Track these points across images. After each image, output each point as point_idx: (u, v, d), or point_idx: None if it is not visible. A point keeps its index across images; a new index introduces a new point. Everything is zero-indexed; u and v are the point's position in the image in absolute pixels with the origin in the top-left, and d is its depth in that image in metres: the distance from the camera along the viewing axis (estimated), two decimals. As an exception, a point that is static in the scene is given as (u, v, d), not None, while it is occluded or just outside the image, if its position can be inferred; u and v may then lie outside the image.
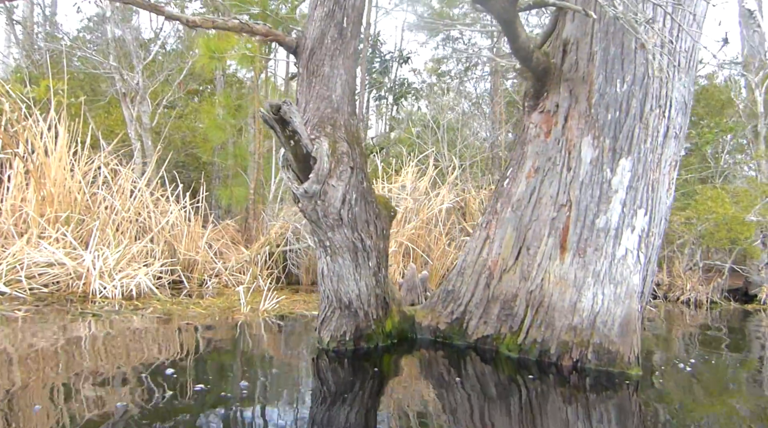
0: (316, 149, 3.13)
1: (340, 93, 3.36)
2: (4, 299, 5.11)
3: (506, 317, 4.07)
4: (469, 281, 4.31)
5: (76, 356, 3.43)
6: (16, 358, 3.31)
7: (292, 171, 3.22)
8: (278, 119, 2.84)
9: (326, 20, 3.28)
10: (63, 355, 3.42)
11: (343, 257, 3.58)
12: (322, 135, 3.24)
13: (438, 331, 4.41)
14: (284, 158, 3.21)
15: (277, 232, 8.08)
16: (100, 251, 6.03)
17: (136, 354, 3.60)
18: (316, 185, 3.16)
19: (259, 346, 4.09)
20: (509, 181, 4.23)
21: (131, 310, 5.04)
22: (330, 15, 3.27)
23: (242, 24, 3.12)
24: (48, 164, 6.52)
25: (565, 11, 3.95)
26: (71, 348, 3.61)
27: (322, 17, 3.29)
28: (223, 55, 6.56)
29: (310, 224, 3.48)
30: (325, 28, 3.28)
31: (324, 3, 3.27)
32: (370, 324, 3.94)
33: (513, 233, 4.10)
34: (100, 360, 3.38)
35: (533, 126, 4.09)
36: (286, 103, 2.80)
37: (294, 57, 3.48)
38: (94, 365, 3.26)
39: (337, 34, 3.30)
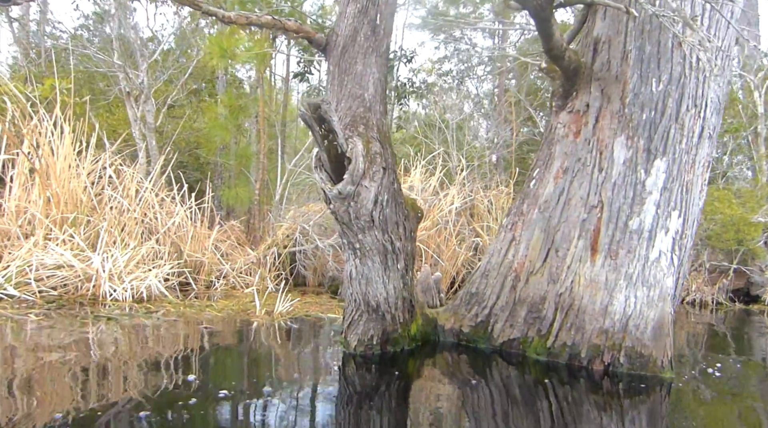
0: (351, 149, 3.06)
1: (372, 92, 3.28)
2: (14, 303, 4.98)
3: (534, 321, 4.01)
4: (494, 284, 4.25)
5: (98, 364, 3.33)
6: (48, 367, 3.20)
7: (325, 172, 3.14)
8: (317, 118, 2.76)
9: (359, 17, 3.20)
10: (90, 363, 3.32)
11: (372, 259, 3.51)
12: (355, 135, 3.17)
13: (461, 334, 4.34)
14: (317, 159, 3.13)
15: (284, 233, 7.98)
16: (109, 253, 5.91)
17: (160, 359, 3.50)
18: (351, 186, 3.09)
19: (281, 351, 4.00)
20: (536, 182, 4.17)
21: (145, 313, 4.93)
22: (363, 11, 3.19)
23: (275, 20, 3.04)
24: (54, 163, 6.38)
25: (595, 9, 3.89)
26: (94, 354, 3.51)
27: (355, 14, 3.21)
28: (234, 53, 6.43)
29: (340, 226, 3.40)
30: (358, 25, 3.21)
31: (358, 0, 3.19)
32: (396, 328, 3.87)
33: (541, 235, 4.04)
34: (127, 368, 3.28)
35: (561, 126, 4.04)
36: (325, 102, 2.72)
37: (323, 55, 3.39)
38: (120, 374, 3.16)
39: (370, 31, 3.22)
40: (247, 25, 3.02)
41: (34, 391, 2.72)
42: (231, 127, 9.27)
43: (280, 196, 8.46)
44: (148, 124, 8.17)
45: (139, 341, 3.96)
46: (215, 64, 7.19)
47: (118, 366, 3.27)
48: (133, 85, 7.87)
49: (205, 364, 3.47)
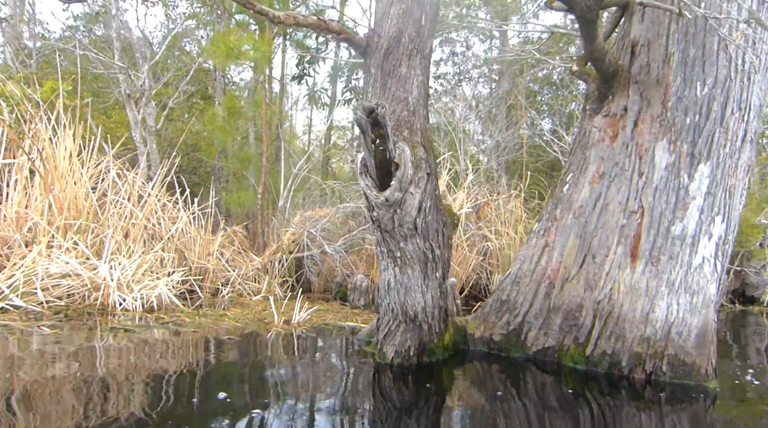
0: (399, 155, 2.94)
1: (416, 95, 3.17)
2: (21, 314, 4.77)
3: (570, 328, 3.93)
4: (527, 291, 4.16)
5: (127, 381, 3.17)
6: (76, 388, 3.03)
7: (371, 178, 3.02)
8: (371, 122, 2.64)
9: (404, 18, 3.09)
10: (119, 381, 3.15)
11: (412, 268, 3.40)
12: (400, 139, 3.05)
13: (492, 343, 4.25)
14: (362, 165, 3.01)
15: (289, 238, 7.83)
16: (117, 261, 5.72)
17: (191, 375, 3.35)
18: (398, 192, 2.97)
19: (311, 363, 3.86)
20: (569, 187, 4.09)
21: (161, 324, 4.76)
22: (408, 12, 3.09)
23: (320, 20, 2.93)
24: (56, 168, 6.17)
25: (631, 12, 3.83)
26: (120, 370, 3.35)
27: (399, 15, 3.10)
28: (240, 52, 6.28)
29: (381, 234, 3.28)
30: (402, 26, 3.10)
31: (403, 0, 3.08)
32: (432, 338, 3.77)
33: (576, 241, 3.96)
34: (158, 385, 3.12)
35: (596, 130, 3.96)
36: (381, 105, 2.61)
37: (361, 57, 3.27)
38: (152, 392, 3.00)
39: (415, 32, 3.11)
40: (295, 25, 2.90)
41: (70, 412, 2.57)
42: (231, 130, 9.09)
43: (284, 200, 8.29)
44: (148, 127, 7.96)
45: (163, 355, 3.79)
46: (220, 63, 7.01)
47: (148, 382, 3.12)
48: (134, 88, 7.66)
49: (238, 379, 3.33)
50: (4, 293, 4.97)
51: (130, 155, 7.76)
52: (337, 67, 11.01)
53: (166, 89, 9.12)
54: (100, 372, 3.23)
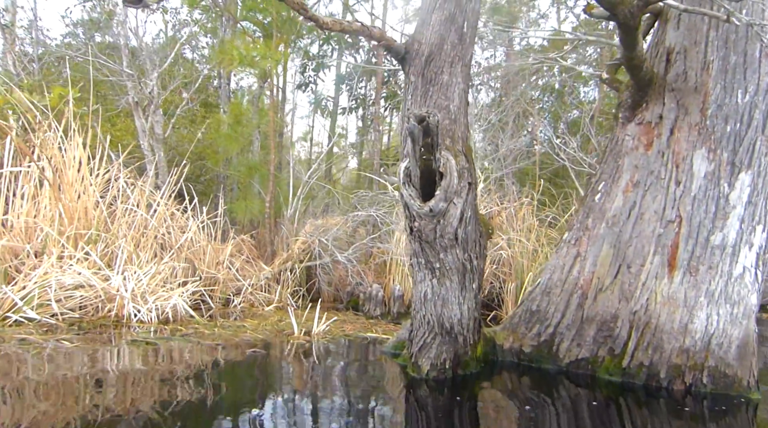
0: (444, 164, 2.88)
1: (457, 103, 3.11)
2: (36, 327, 4.65)
3: (604, 339, 3.86)
4: (558, 301, 4.10)
5: (166, 399, 3.07)
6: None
7: (414, 188, 2.95)
8: (424, 130, 2.58)
9: (446, 24, 3.03)
10: (155, 398, 3.05)
11: (451, 279, 3.32)
12: (443, 148, 2.99)
13: (522, 354, 4.17)
14: (405, 174, 2.94)
15: (299, 247, 7.74)
16: (130, 272, 5.60)
17: (219, 390, 3.25)
18: (443, 203, 2.91)
19: (343, 378, 3.77)
20: (602, 195, 4.04)
21: (181, 337, 4.65)
22: (451, 19, 3.03)
23: (363, 27, 2.87)
24: (68, 177, 6.05)
25: (666, 18, 3.80)
26: (155, 387, 3.24)
27: (442, 21, 3.04)
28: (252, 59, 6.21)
29: (420, 244, 3.21)
30: (444, 32, 3.04)
31: (444, 6, 3.03)
32: (467, 350, 3.69)
33: (610, 250, 3.90)
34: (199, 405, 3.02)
35: (630, 138, 3.92)
36: (431, 114, 2.54)
37: (399, 64, 3.21)
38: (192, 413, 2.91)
39: (457, 39, 3.06)
40: (340, 31, 2.84)
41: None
42: (237, 137, 9.00)
43: (294, 209, 8.20)
44: (156, 135, 7.85)
45: (191, 370, 3.69)
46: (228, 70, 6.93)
47: (185, 400, 3.02)
48: (142, 95, 7.56)
49: (266, 395, 3.24)
50: (17, 305, 4.84)
51: (138, 164, 7.64)
52: (341, 76, 10.96)
53: (172, 97, 9.03)
54: (134, 391, 3.13)
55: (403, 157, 3.05)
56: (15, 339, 4.13)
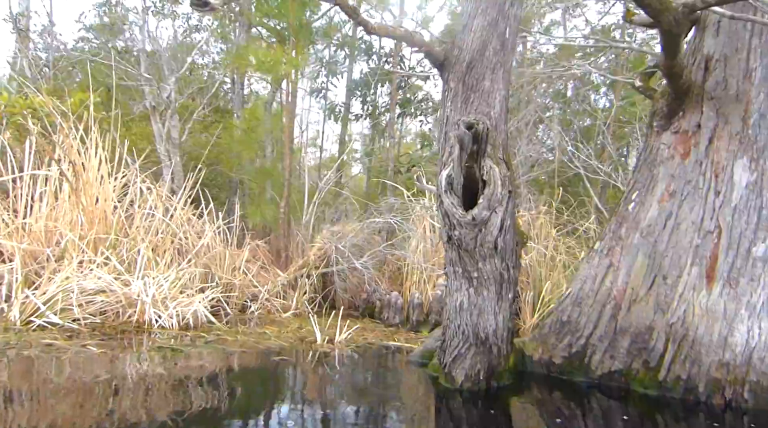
0: (488, 172, 2.83)
1: (498, 110, 3.07)
2: (60, 332, 4.60)
3: (639, 352, 3.79)
4: (590, 312, 4.03)
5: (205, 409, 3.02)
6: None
7: (456, 196, 2.90)
8: (474, 137, 2.53)
9: (488, 30, 3.00)
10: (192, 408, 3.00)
11: (488, 289, 3.27)
12: (485, 156, 2.94)
13: (553, 365, 4.11)
14: (447, 182, 2.89)
15: (315, 254, 7.68)
16: (151, 277, 5.56)
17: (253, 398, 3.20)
18: (486, 211, 2.86)
19: (372, 387, 3.72)
20: (635, 205, 3.98)
21: (205, 343, 4.60)
22: (493, 25, 2.99)
23: (406, 33, 2.84)
24: (90, 181, 6.03)
25: (704, 26, 3.76)
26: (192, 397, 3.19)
27: (484, 27, 3.00)
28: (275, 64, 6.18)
29: (459, 253, 3.16)
30: (486, 38, 3.00)
31: (487, 12, 2.99)
32: (500, 361, 3.64)
33: (645, 261, 3.84)
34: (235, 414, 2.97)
35: (665, 147, 3.87)
36: (481, 122, 2.50)
37: (438, 70, 3.17)
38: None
39: (499, 45, 3.02)
40: (385, 36, 2.81)
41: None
42: (252, 143, 8.97)
43: (309, 215, 8.16)
44: (172, 139, 7.83)
45: (220, 377, 3.64)
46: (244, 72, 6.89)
47: (219, 407, 2.97)
48: (160, 100, 7.54)
49: (306, 404, 3.18)
50: (40, 309, 4.80)
51: (156, 169, 7.62)
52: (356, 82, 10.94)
53: (187, 102, 9.01)
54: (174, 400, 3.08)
55: (444, 164, 3.01)
56: (41, 344, 4.09)
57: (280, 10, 7.71)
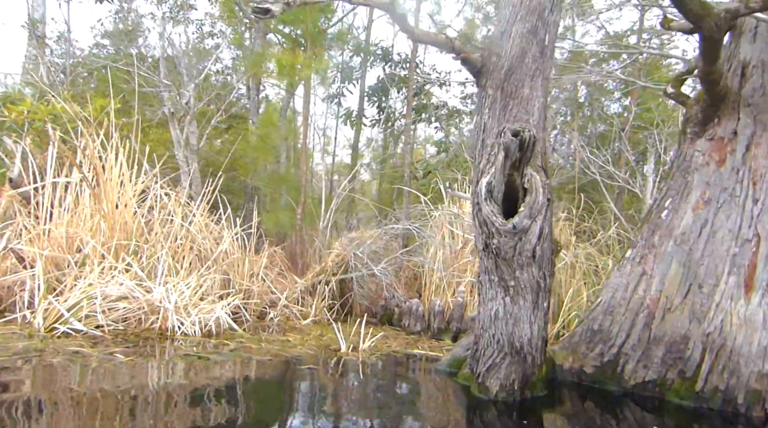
0: (529, 180, 2.79)
1: (537, 118, 3.04)
2: (82, 338, 4.58)
3: (674, 361, 3.74)
4: (622, 321, 3.98)
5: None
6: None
7: (495, 204, 2.86)
8: (520, 145, 2.50)
9: (528, 37, 2.96)
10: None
11: (524, 298, 3.23)
12: (528, 164, 2.90)
13: (584, 375, 4.05)
14: (487, 190, 2.85)
15: (333, 260, 7.65)
16: (172, 283, 5.54)
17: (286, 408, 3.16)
18: (527, 220, 2.82)
19: (403, 396, 3.67)
20: (669, 212, 3.93)
21: (231, 351, 4.57)
22: (533, 31, 2.96)
23: (447, 39, 2.81)
24: (111, 188, 6.02)
25: (739, 32, 3.71)
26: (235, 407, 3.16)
27: (523, 34, 2.97)
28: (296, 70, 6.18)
29: (496, 262, 3.11)
30: (526, 45, 2.97)
31: (526, 18, 2.96)
32: (534, 371, 3.58)
33: (679, 269, 3.79)
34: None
35: (700, 154, 3.82)
36: (527, 130, 2.47)
37: (474, 77, 3.14)
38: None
39: (538, 52, 2.98)
40: (428, 43, 2.79)
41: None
42: (269, 148, 8.97)
43: (326, 221, 8.13)
44: (191, 146, 7.83)
45: (252, 386, 3.60)
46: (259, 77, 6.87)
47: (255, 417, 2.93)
48: (179, 106, 7.55)
49: (341, 414, 3.14)
50: (64, 316, 4.78)
51: (174, 175, 7.62)
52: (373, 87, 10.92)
53: (204, 108, 9.03)
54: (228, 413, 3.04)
55: (482, 172, 2.98)
56: (68, 351, 4.07)
57: (297, 17, 7.71)
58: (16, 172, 6.55)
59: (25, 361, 3.72)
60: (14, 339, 4.39)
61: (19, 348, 4.07)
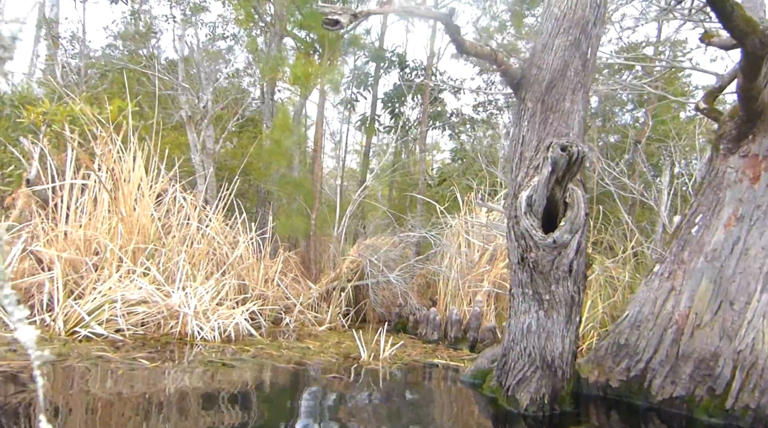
0: (571, 195, 2.78)
1: (576, 131, 3.02)
2: (104, 342, 4.57)
3: (703, 378, 3.70)
4: (650, 336, 3.95)
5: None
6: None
7: (535, 217, 2.85)
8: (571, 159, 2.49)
9: (570, 50, 2.96)
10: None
11: (558, 311, 3.21)
12: (572, 179, 2.89)
13: (609, 388, 4.02)
14: (527, 203, 2.84)
15: (348, 267, 7.64)
16: (192, 288, 5.53)
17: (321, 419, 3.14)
18: (568, 234, 2.80)
19: (433, 408, 3.65)
20: (699, 228, 3.91)
21: (252, 357, 4.55)
22: (575, 44, 2.95)
23: (492, 51, 2.81)
24: (130, 190, 6.02)
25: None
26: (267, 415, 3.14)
27: (566, 46, 2.96)
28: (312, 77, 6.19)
29: (532, 275, 3.10)
30: (568, 58, 2.96)
31: (569, 31, 2.95)
32: (563, 385, 3.56)
33: (710, 286, 3.76)
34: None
35: (732, 170, 3.80)
36: (576, 145, 2.46)
37: (512, 89, 3.13)
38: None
39: (581, 65, 2.98)
40: (474, 55, 2.78)
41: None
42: (283, 153, 8.96)
43: (341, 227, 8.12)
44: (207, 149, 7.83)
45: (282, 395, 3.58)
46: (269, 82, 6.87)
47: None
48: (196, 109, 7.55)
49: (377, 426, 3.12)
50: (85, 320, 4.77)
51: (190, 179, 7.61)
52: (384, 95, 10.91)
53: (220, 112, 9.04)
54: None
55: (520, 185, 2.96)
56: (92, 356, 4.05)
57: (317, 21, 7.72)
58: (33, 173, 6.56)
59: (52, 365, 3.70)
60: (37, 343, 4.36)
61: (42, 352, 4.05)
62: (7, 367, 3.57)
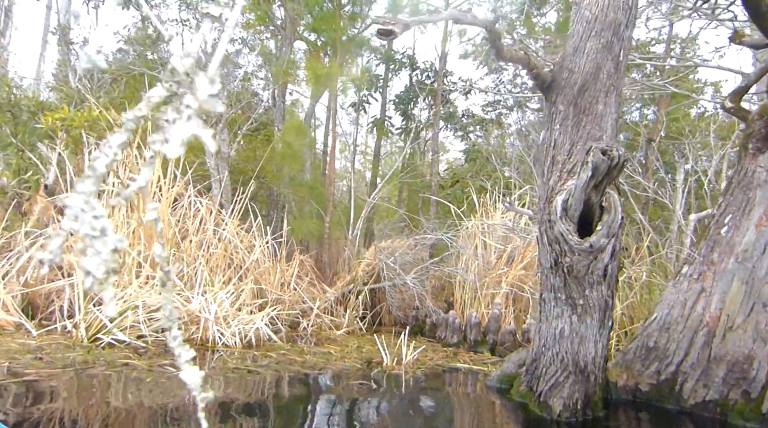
0: (608, 199, 2.74)
1: (609, 134, 2.99)
2: (127, 349, 4.55)
3: (737, 381, 3.66)
4: (680, 338, 3.91)
5: None
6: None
7: (571, 222, 2.81)
8: (612, 163, 2.45)
9: (603, 53, 2.92)
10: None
11: (592, 316, 3.17)
12: (610, 183, 2.85)
13: (639, 392, 3.98)
14: (563, 208, 2.80)
15: (364, 270, 7.60)
16: (212, 293, 5.51)
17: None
18: (605, 239, 2.77)
19: (465, 414, 3.62)
20: (729, 229, 3.86)
21: (276, 363, 4.53)
22: (608, 47, 2.91)
23: (525, 56, 2.77)
24: (146, 196, 6.00)
25: (805, 48, 3.65)
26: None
27: (598, 49, 2.93)
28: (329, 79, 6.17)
29: (565, 280, 3.06)
30: (601, 61, 2.92)
31: (602, 34, 2.91)
32: (595, 390, 3.52)
33: (741, 287, 3.72)
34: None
35: (762, 170, 3.76)
36: (616, 149, 2.42)
37: (543, 92, 3.09)
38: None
39: (613, 68, 2.94)
40: (509, 60, 2.75)
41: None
42: (296, 156, 8.95)
43: (357, 230, 8.09)
44: (222, 154, 7.82)
45: (317, 403, 3.56)
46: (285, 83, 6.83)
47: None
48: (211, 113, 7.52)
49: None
50: (107, 327, 4.76)
51: (206, 183, 7.60)
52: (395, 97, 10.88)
53: (234, 116, 9.03)
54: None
55: (553, 189, 2.93)
56: (118, 363, 4.04)
57: (330, 25, 7.71)
58: (51, 178, 6.58)
59: (78, 373, 3.69)
60: (60, 350, 4.36)
61: (67, 360, 4.04)
62: (35, 376, 3.56)
